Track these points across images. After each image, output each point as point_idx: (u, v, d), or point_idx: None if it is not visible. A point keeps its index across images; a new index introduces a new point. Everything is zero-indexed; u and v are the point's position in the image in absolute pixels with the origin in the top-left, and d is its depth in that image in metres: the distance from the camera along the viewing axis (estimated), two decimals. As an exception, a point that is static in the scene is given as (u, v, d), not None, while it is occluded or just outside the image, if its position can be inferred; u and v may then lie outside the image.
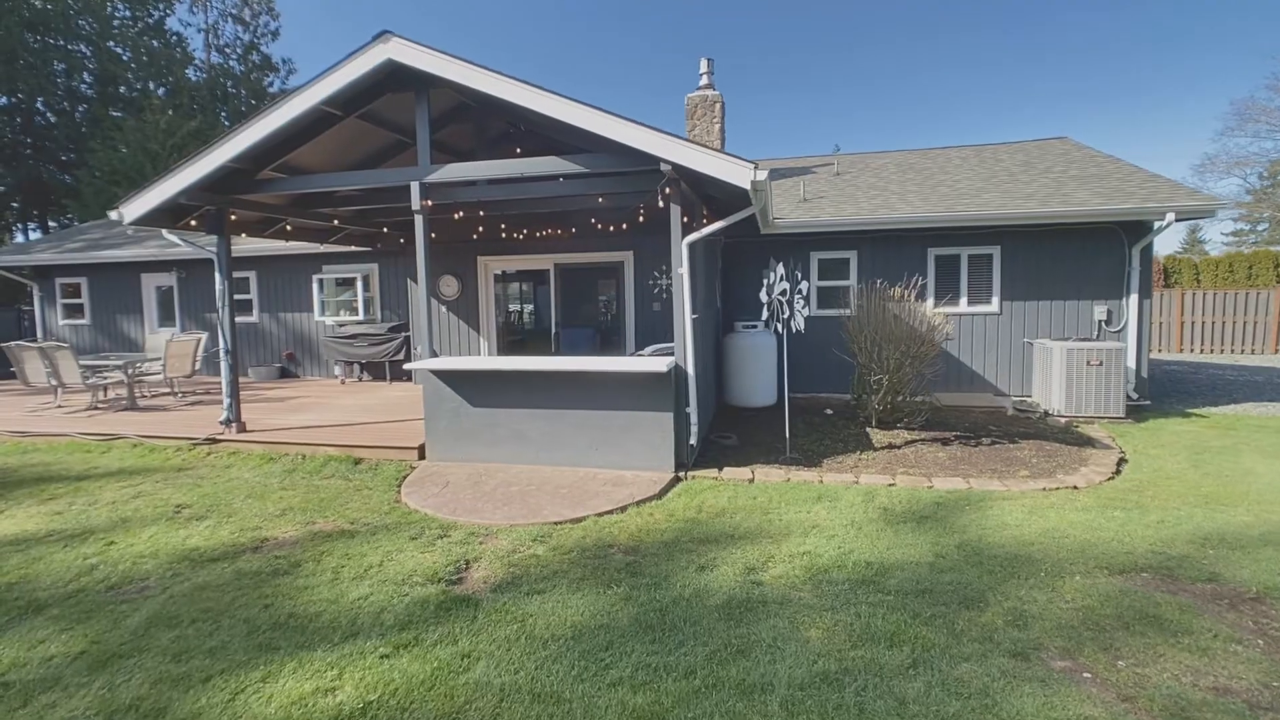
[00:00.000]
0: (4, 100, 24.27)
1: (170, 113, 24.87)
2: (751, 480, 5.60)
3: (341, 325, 11.24)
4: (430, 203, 6.47)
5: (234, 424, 7.07)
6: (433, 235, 7.79)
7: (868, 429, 7.56)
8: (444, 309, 10.58)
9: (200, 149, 6.49)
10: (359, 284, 11.24)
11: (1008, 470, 5.81)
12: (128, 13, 29.10)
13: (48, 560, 4.13)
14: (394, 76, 6.12)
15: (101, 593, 3.67)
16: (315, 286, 11.52)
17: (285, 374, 11.99)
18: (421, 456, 6.36)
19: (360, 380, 11.12)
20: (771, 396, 8.83)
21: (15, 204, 26.38)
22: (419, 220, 6.40)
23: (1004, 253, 9.15)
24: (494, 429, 6.15)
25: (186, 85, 29.62)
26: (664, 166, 5.45)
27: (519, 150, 7.97)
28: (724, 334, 9.06)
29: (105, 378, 8.94)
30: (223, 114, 31.15)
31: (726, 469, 5.85)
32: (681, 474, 5.72)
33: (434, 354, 6.48)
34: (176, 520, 4.88)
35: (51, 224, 27.49)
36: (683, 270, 5.82)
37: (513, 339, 11.38)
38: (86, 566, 4.02)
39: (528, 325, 12.42)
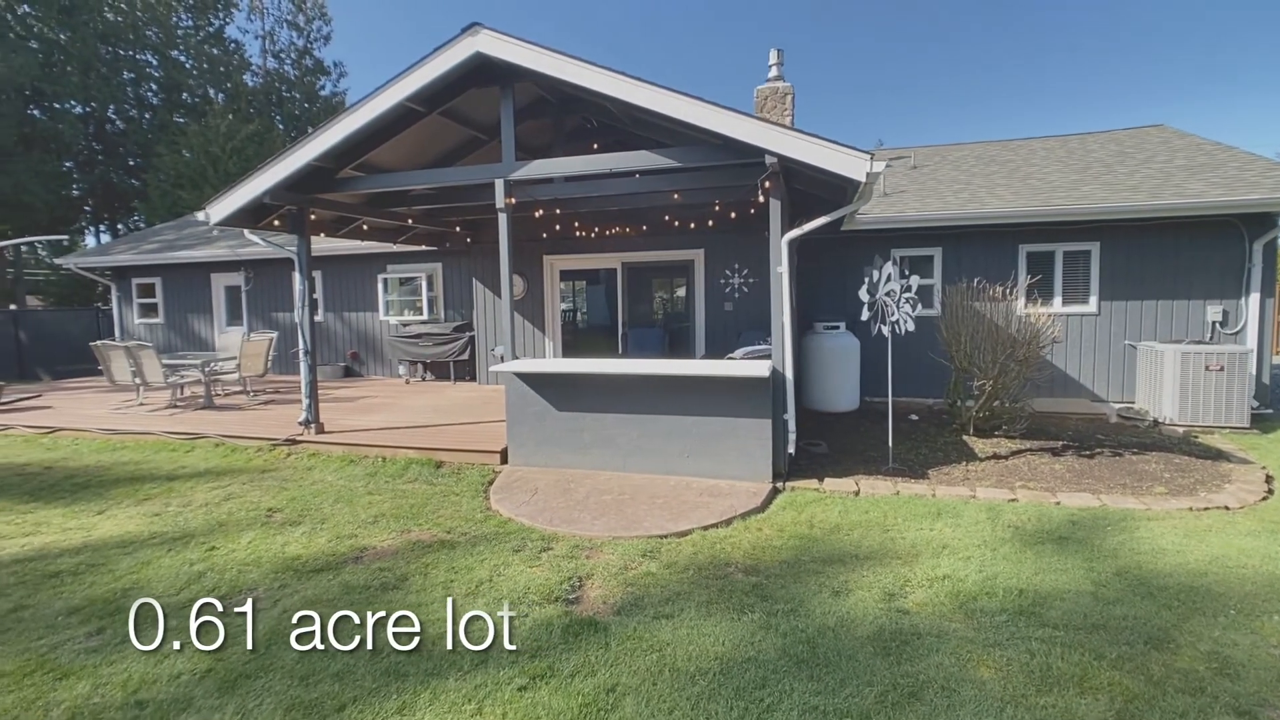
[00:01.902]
0: (80, 109, 25.28)
1: (230, 117, 25.62)
2: (857, 493, 5.26)
3: (406, 325, 11.24)
4: (513, 200, 6.30)
5: (313, 425, 7.04)
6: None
7: (964, 436, 7.11)
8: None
9: (285, 149, 6.46)
10: (423, 283, 11.23)
11: (1140, 486, 5.33)
12: (190, 22, 30.09)
13: (155, 565, 4.07)
14: (480, 70, 5.95)
15: (214, 603, 3.56)
16: (380, 286, 11.56)
17: (349, 373, 12.07)
18: (504, 460, 6.19)
19: (424, 380, 11.10)
20: (854, 401, 8.42)
21: (88, 207, 27.54)
22: (502, 219, 6.23)
23: (1103, 249, 8.54)
24: (579, 434, 5.94)
25: (244, 90, 30.54)
26: (768, 159, 5.15)
27: (596, 146, 7.79)
28: (803, 335, 8.68)
29: (184, 376, 9.08)
30: (277, 117, 32.00)
31: (827, 479, 5.52)
32: (780, 484, 5.40)
33: (515, 356, 6.31)
34: (270, 525, 4.79)
35: (120, 226, 28.63)
36: (781, 269, 5.51)
37: (576, 339, 11.21)
38: (194, 574, 3.94)
39: (593, 325, 12.24)
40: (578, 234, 9.72)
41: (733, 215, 8.38)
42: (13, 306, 22.54)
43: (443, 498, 5.35)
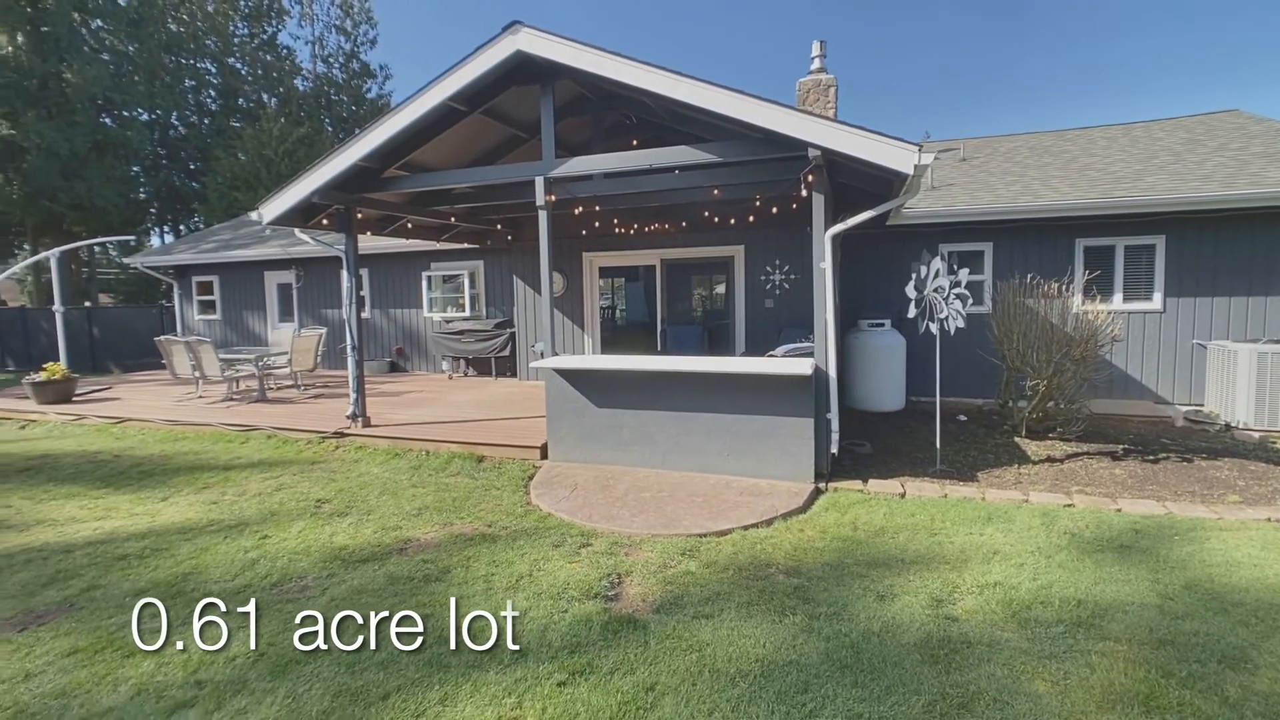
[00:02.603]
0: (146, 116, 26.59)
1: (282, 121, 26.56)
2: (903, 495, 5.11)
3: (449, 322, 11.46)
4: (553, 197, 6.33)
5: (359, 419, 7.23)
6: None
7: (1016, 438, 6.84)
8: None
9: (332, 150, 6.62)
10: (465, 281, 11.42)
11: (1210, 493, 5.03)
12: (245, 30, 31.32)
13: (213, 551, 4.24)
14: (521, 69, 5.99)
15: (267, 590, 3.69)
16: (424, 283, 11.81)
17: (394, 368, 12.38)
18: (544, 456, 6.24)
19: (466, 375, 11.30)
20: (899, 401, 8.21)
21: (153, 209, 28.97)
22: (543, 216, 6.27)
23: (1169, 243, 8.09)
24: (618, 430, 5.94)
25: (295, 94, 31.64)
26: (811, 152, 5.04)
27: (635, 142, 7.75)
28: (846, 332, 8.50)
29: (239, 370, 9.45)
30: (326, 120, 33.05)
31: (871, 480, 5.38)
32: (822, 485, 5.30)
33: (555, 352, 6.35)
34: (319, 516, 4.94)
35: (181, 227, 30.04)
36: (825, 265, 5.39)
37: (615, 336, 11.23)
38: (248, 560, 4.09)
39: (631, 322, 12.28)
40: (617, 231, 9.72)
41: (774, 210, 8.25)
42: (86, 304, 23.90)
43: (484, 492, 5.42)
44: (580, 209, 8.21)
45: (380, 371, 12.19)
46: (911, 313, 5.75)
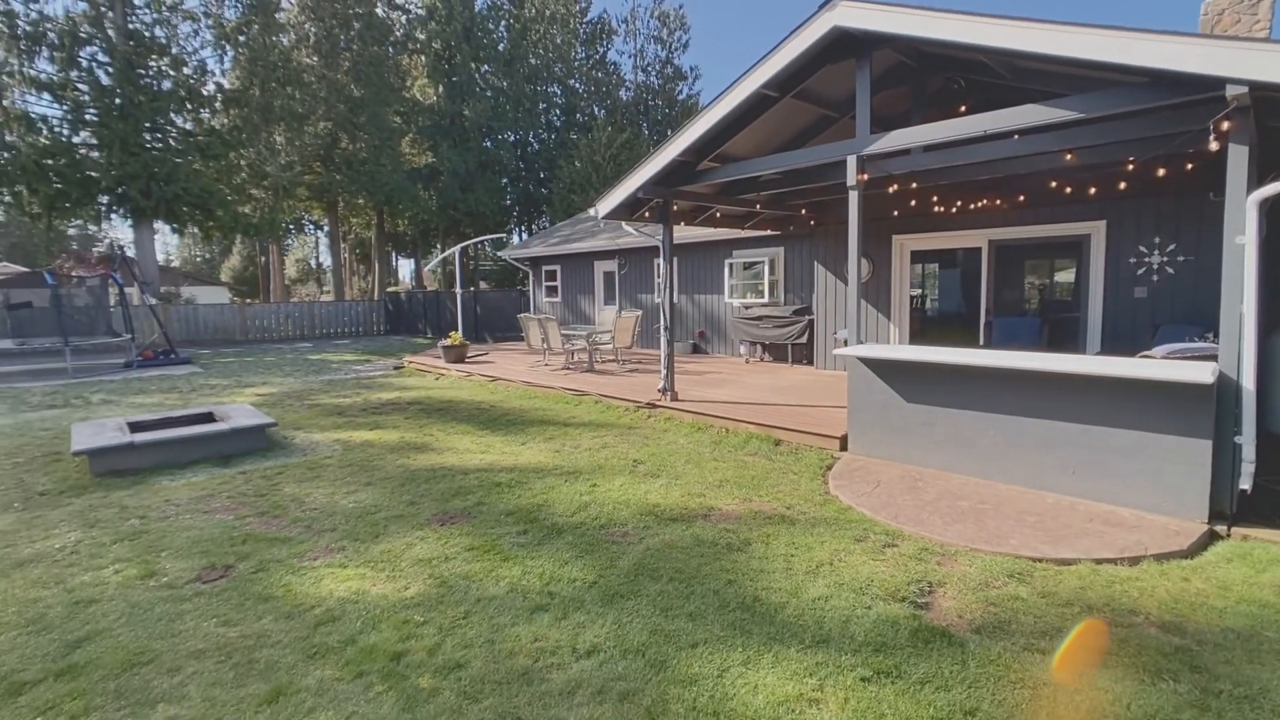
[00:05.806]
0: (513, 137, 33.07)
1: (609, 129, 30.31)
2: (1369, 560, 3.62)
3: (748, 307, 11.83)
4: (865, 176, 6.02)
5: (668, 393, 7.96)
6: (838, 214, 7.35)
7: None
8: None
9: (653, 150, 7.33)
10: (765, 267, 11.63)
11: None
12: (584, 53, 36.49)
13: (557, 491, 5.14)
14: (836, 45, 5.79)
15: (595, 530, 4.33)
16: (726, 270, 12.38)
17: (696, 350, 13.29)
18: (843, 447, 6.05)
19: (761, 360, 11.55)
20: (1361, 429, 5.81)
21: (515, 211, 36.00)
22: (853, 196, 6.01)
23: None
24: (929, 429, 5.42)
25: (619, 104, 35.80)
26: (1231, 91, 3.82)
27: (962, 108, 6.89)
28: (1268, 334, 6.31)
29: (574, 344, 11.22)
30: (643, 124, 36.68)
31: (1308, 533, 3.94)
32: (1222, 528, 4.06)
33: (860, 341, 6.07)
34: (635, 474, 5.59)
35: (533, 226, 36.72)
36: (1244, 240, 4.06)
37: (924, 327, 10.26)
38: (582, 503, 4.85)
39: (944, 313, 11.04)
40: (935, 210, 8.79)
41: (1159, 173, 6.49)
42: (472, 288, 30.97)
43: (781, 474, 5.50)
44: (895, 187, 7.63)
45: (684, 352, 13.21)
46: (1406, 304, 3.99)
